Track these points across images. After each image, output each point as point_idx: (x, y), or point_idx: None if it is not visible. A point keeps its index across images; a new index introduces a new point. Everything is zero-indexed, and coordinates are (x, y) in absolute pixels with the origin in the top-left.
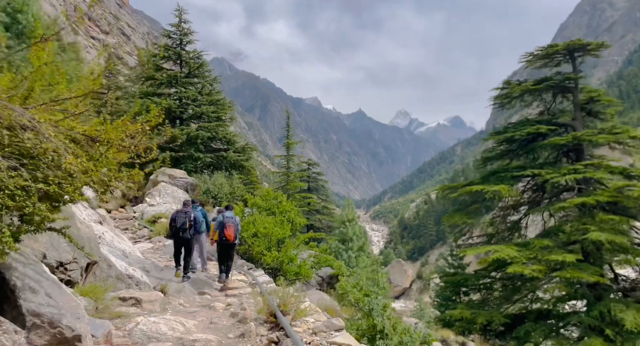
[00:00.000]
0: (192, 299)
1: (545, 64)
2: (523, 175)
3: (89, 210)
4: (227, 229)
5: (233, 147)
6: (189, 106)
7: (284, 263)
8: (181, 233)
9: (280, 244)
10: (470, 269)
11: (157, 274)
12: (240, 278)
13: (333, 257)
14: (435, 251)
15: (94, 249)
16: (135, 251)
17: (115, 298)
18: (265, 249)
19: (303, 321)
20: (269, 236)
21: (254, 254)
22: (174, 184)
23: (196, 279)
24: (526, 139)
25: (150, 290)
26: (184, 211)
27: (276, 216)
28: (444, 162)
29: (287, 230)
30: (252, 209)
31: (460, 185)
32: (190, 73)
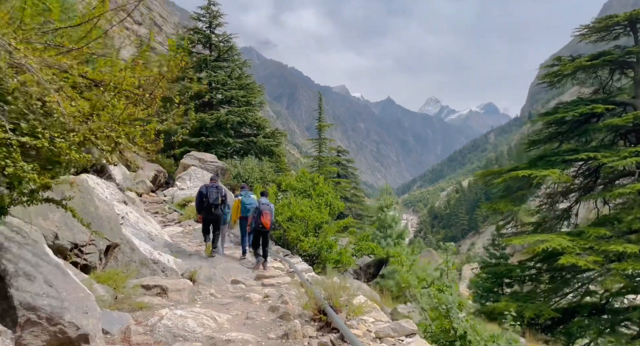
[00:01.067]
0: (224, 288)
1: (602, 37)
2: (576, 159)
3: (113, 188)
4: (264, 217)
5: (263, 133)
6: (218, 91)
7: (322, 249)
8: (213, 209)
9: (318, 230)
10: (513, 260)
11: (185, 259)
12: (277, 266)
13: (376, 244)
14: (467, 241)
15: (114, 230)
16: (164, 234)
17: (138, 286)
18: (301, 234)
19: (360, 321)
20: (306, 220)
21: (290, 240)
22: (204, 168)
23: (229, 266)
24: (578, 121)
25: (178, 277)
26: (214, 186)
27: (312, 198)
28: (476, 150)
29: (326, 214)
30: (287, 192)
31: (505, 170)
32: (220, 57)
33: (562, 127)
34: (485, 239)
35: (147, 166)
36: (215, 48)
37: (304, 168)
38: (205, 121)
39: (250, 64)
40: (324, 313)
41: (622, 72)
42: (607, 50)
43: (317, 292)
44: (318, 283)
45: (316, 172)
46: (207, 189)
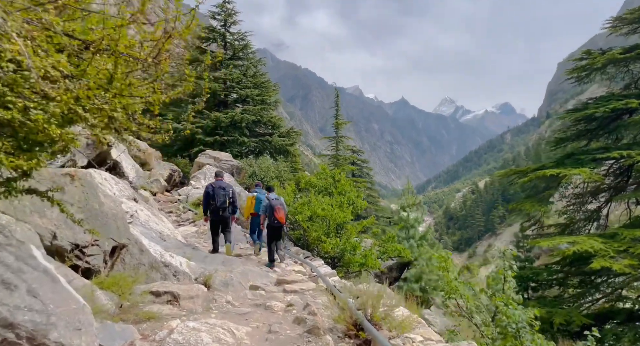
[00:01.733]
0: (242, 295)
1: (634, 29)
2: (607, 157)
3: (123, 185)
4: (277, 212)
5: (278, 132)
6: (233, 89)
7: (346, 251)
8: (221, 212)
9: (339, 230)
10: (539, 262)
11: (199, 262)
12: (298, 269)
13: (403, 246)
14: (484, 242)
15: (121, 229)
16: (177, 234)
17: (146, 292)
18: (323, 235)
19: (406, 340)
20: (328, 220)
21: (310, 241)
22: (218, 167)
23: (246, 269)
24: (609, 117)
25: (191, 282)
26: (221, 187)
27: (333, 197)
28: (492, 150)
29: (348, 214)
30: (305, 190)
31: (531, 169)
32: (235, 55)
33: (591, 124)
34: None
35: (162, 165)
36: (230, 46)
37: (323, 165)
38: (220, 120)
39: (265, 62)
40: (360, 327)
41: None
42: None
43: (350, 302)
44: (347, 289)
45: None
46: (213, 190)
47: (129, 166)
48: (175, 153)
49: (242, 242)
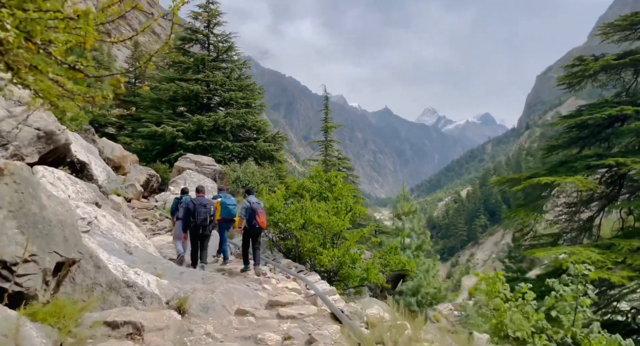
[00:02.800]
0: (226, 322)
1: (625, 36)
2: (602, 165)
3: (83, 186)
4: (259, 216)
5: (263, 137)
6: (217, 92)
7: (345, 264)
8: (201, 230)
9: (336, 240)
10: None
11: (174, 280)
12: (292, 286)
13: (407, 259)
14: (467, 252)
15: (70, 240)
16: (148, 245)
17: (100, 323)
18: (318, 245)
19: None
20: (324, 228)
21: (304, 252)
22: (200, 172)
23: (231, 288)
24: (601, 125)
25: (161, 307)
26: (203, 204)
27: (328, 202)
28: (473, 160)
29: (347, 221)
30: (297, 196)
31: (524, 176)
32: (218, 57)
33: (583, 131)
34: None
35: (139, 169)
36: (214, 48)
37: (318, 167)
38: (202, 124)
39: (250, 65)
40: None
41: None
42: (634, 49)
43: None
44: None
45: None
46: (194, 207)
47: (99, 168)
48: (155, 158)
49: (225, 253)
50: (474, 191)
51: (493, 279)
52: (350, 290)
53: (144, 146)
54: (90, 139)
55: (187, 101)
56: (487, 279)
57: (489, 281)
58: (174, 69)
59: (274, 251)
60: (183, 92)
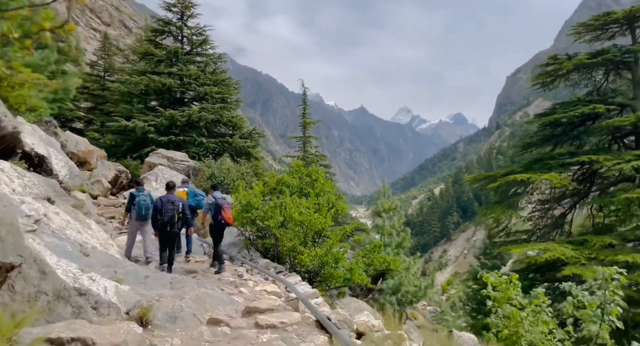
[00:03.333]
0: (196, 334)
1: (597, 36)
2: (576, 162)
3: (32, 179)
4: (225, 212)
5: (239, 133)
6: (191, 86)
7: (327, 264)
8: (169, 228)
9: (317, 238)
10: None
11: (137, 285)
12: (271, 289)
13: (393, 258)
14: (439, 248)
15: (8, 241)
16: (110, 246)
17: (41, 339)
18: (299, 244)
19: None
20: (305, 226)
21: (284, 252)
22: (173, 168)
23: (202, 294)
24: (573, 123)
25: (119, 319)
26: (171, 201)
27: (309, 198)
28: (445, 159)
29: (329, 219)
30: (278, 190)
31: (500, 174)
32: (193, 50)
33: (556, 129)
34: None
35: (107, 165)
36: (188, 41)
37: (298, 162)
38: (175, 119)
39: (226, 59)
40: None
41: (617, 74)
42: (606, 49)
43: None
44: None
45: None
46: (162, 204)
47: (60, 163)
48: (125, 154)
49: (198, 253)
50: (447, 188)
51: (506, 284)
52: (332, 292)
53: (114, 141)
54: (52, 132)
55: (160, 95)
56: (499, 283)
57: (502, 287)
58: (146, 62)
59: (250, 251)
60: (155, 86)
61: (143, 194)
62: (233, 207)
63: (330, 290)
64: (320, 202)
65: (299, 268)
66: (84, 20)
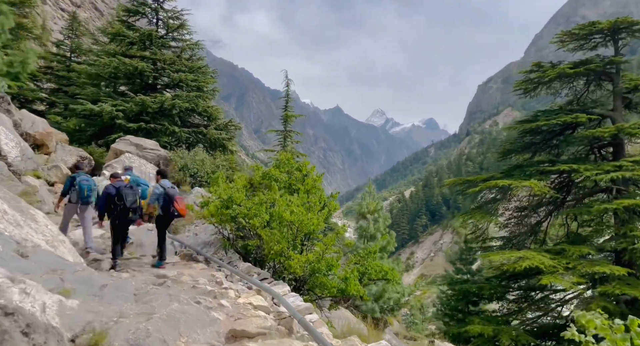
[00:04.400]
0: None
1: (580, 45)
2: (556, 170)
3: None
4: (177, 203)
5: (214, 124)
6: (164, 71)
7: (318, 272)
8: (130, 214)
9: (306, 241)
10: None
11: (90, 298)
12: (257, 302)
13: (391, 266)
14: (407, 250)
15: None
16: (61, 243)
17: None
18: (288, 247)
19: None
20: (295, 226)
21: (269, 255)
22: (142, 157)
23: (176, 311)
24: (553, 131)
25: None
26: (129, 186)
27: (298, 195)
28: (417, 162)
29: (322, 219)
30: (262, 185)
31: (480, 179)
32: (168, 34)
33: (536, 137)
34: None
35: (68, 150)
36: (163, 24)
37: (288, 155)
38: (146, 105)
39: (203, 46)
40: None
41: (598, 84)
42: (589, 59)
43: None
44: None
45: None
46: (118, 190)
47: (11, 143)
48: (89, 139)
49: (169, 253)
50: (417, 191)
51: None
52: (321, 302)
53: (78, 126)
54: (4, 109)
55: (130, 79)
56: (605, 329)
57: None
58: (116, 44)
59: (229, 252)
60: (126, 69)
61: (85, 175)
62: (212, 202)
63: (319, 298)
64: (312, 201)
65: (286, 274)
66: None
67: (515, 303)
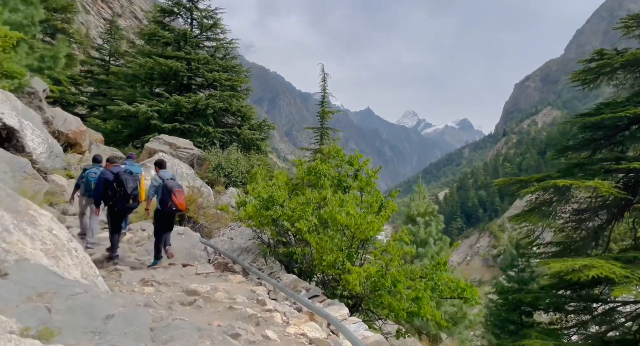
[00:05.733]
0: None
1: None
2: (625, 168)
3: None
4: (176, 196)
5: (248, 124)
6: (199, 71)
7: (381, 289)
8: (131, 201)
9: (360, 249)
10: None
11: (87, 336)
12: (312, 333)
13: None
14: None
15: None
16: (68, 252)
17: None
18: (345, 257)
19: None
20: (352, 232)
21: (321, 267)
22: (175, 156)
23: None
24: (617, 126)
25: None
26: (129, 172)
27: (347, 193)
28: (450, 164)
29: (382, 223)
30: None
31: (535, 178)
32: (202, 33)
33: (597, 133)
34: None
35: (102, 150)
36: (198, 24)
37: (335, 146)
38: (181, 105)
39: (238, 45)
40: None
41: None
42: None
43: None
44: None
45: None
46: (117, 175)
47: (38, 139)
48: (126, 141)
49: (200, 259)
50: (452, 194)
51: None
52: (382, 324)
53: (115, 127)
54: (35, 106)
55: (165, 79)
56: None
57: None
58: (152, 44)
59: (269, 260)
60: (161, 69)
61: (97, 168)
62: (250, 202)
63: (378, 319)
64: (367, 200)
65: (340, 290)
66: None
67: (575, 314)
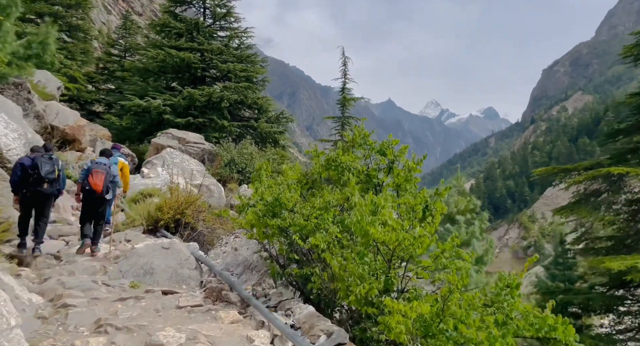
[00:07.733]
0: None
1: None
2: None
3: None
4: (93, 176)
5: (265, 116)
6: (212, 62)
7: (436, 336)
8: (45, 185)
9: (397, 267)
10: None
11: None
12: None
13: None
14: None
15: None
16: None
17: None
18: (381, 289)
19: None
20: (390, 250)
21: (346, 299)
22: (184, 151)
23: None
24: None
25: None
26: (47, 156)
27: (381, 193)
28: (476, 154)
29: (432, 234)
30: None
31: (582, 166)
32: (215, 23)
33: None
34: None
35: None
36: (210, 13)
37: (361, 129)
38: (194, 98)
39: (253, 35)
40: None
41: None
42: None
43: None
44: None
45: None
46: (33, 159)
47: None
48: (140, 137)
49: (190, 281)
50: (478, 184)
51: None
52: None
53: (129, 123)
54: (24, 98)
55: (179, 72)
56: None
57: None
58: (163, 35)
59: (278, 284)
60: (173, 61)
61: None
62: (251, 206)
63: None
64: (408, 202)
65: (374, 333)
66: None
67: (631, 316)
